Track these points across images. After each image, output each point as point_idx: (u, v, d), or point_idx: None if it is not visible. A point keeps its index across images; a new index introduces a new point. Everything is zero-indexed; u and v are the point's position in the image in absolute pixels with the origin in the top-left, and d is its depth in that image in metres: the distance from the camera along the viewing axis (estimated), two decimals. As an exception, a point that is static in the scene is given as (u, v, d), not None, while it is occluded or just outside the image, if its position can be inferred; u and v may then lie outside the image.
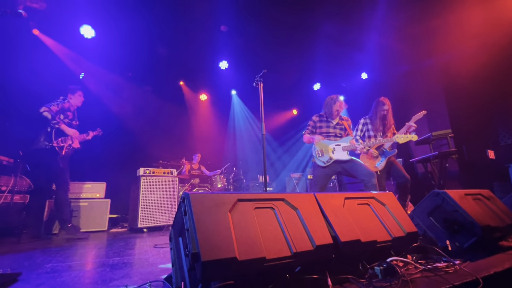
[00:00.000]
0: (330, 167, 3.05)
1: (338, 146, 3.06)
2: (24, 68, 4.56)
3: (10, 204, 3.74)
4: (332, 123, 3.21)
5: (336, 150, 3.06)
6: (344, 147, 3.03)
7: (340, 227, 1.31)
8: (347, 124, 3.28)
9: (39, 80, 4.81)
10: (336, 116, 3.23)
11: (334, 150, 3.06)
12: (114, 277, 1.58)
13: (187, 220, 1.05)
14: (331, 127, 3.20)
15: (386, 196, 1.71)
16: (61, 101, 3.59)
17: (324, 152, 3.09)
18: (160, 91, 6.72)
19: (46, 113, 3.36)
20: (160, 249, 2.46)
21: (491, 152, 4.61)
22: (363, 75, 6.96)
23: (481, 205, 1.98)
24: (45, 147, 3.34)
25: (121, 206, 5.03)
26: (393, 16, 4.92)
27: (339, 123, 3.24)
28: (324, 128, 3.21)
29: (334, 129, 3.20)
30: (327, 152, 3.07)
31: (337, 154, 3.03)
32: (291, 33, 5.64)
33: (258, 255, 1.02)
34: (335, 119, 3.23)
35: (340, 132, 3.20)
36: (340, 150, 3.04)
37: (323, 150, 3.10)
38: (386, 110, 3.53)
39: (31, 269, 1.78)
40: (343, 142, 3.07)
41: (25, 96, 4.66)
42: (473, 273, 1.28)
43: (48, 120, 3.37)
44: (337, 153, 3.04)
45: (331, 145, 3.08)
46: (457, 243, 1.79)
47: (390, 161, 3.43)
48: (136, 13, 4.75)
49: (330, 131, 3.19)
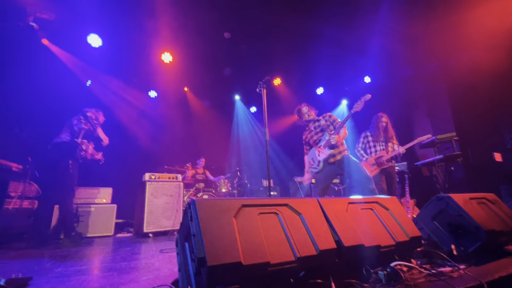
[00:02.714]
0: (323, 170, 3.13)
1: (320, 148, 3.18)
2: (33, 75, 4.68)
3: (19, 209, 3.82)
4: (313, 130, 3.34)
5: (321, 152, 3.15)
6: (324, 144, 3.11)
7: (343, 232, 1.32)
8: (325, 120, 3.31)
9: (47, 87, 4.94)
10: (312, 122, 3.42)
11: (319, 153, 3.16)
12: (122, 281, 1.61)
13: (193, 225, 1.08)
14: (314, 133, 3.33)
15: (390, 201, 1.72)
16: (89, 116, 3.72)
17: (314, 160, 3.25)
18: (165, 97, 6.82)
19: (90, 113, 3.55)
20: (166, 254, 2.49)
21: (497, 155, 4.56)
22: (366, 79, 6.96)
23: (486, 209, 1.97)
24: (67, 141, 3.40)
25: (127, 211, 5.09)
26: (396, 19, 4.94)
27: (319, 125, 3.30)
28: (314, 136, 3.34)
29: (317, 134, 3.30)
30: (316, 158, 3.22)
31: (322, 155, 3.13)
32: (294, 38, 5.69)
33: (263, 259, 1.05)
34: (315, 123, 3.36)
35: (321, 134, 3.26)
36: (322, 149, 3.14)
37: (313, 158, 3.26)
38: (385, 122, 3.88)
39: (41, 273, 1.83)
40: (322, 141, 3.17)
41: (33, 103, 4.79)
42: (477, 277, 1.28)
43: (90, 120, 3.51)
44: (322, 154, 3.14)
45: (315, 150, 3.23)
46: (462, 248, 1.78)
47: (388, 172, 3.73)
48: (140, 21, 4.86)
49: (314, 138, 3.31)
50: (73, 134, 3.50)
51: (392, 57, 5.87)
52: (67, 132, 3.52)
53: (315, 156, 3.23)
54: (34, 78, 4.71)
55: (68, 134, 3.50)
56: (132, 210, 4.69)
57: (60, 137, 3.47)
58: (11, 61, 4.43)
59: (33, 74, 4.71)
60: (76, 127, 3.52)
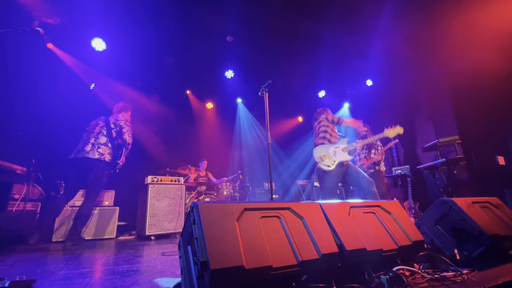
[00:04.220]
0: (335, 170, 3.11)
1: (338, 148, 3.15)
2: (37, 79, 4.75)
3: (23, 211, 3.85)
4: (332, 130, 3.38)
5: (337, 152, 3.12)
6: (344, 148, 3.11)
7: (345, 236, 1.32)
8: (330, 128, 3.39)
9: (51, 91, 4.99)
10: None
11: (335, 153, 3.13)
12: (125, 284, 1.62)
13: (196, 229, 1.09)
14: (334, 132, 3.35)
15: (392, 205, 1.72)
16: (125, 121, 3.78)
17: (325, 157, 3.19)
18: (168, 100, 6.87)
19: (127, 137, 3.57)
20: (168, 257, 2.49)
21: (501, 158, 4.53)
22: (368, 82, 6.97)
23: (489, 213, 1.96)
24: (105, 160, 3.38)
25: (129, 213, 5.09)
26: (398, 22, 4.95)
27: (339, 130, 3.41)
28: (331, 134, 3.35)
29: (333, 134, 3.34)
30: (329, 156, 3.18)
31: (339, 156, 3.12)
32: (296, 42, 5.73)
33: (265, 263, 1.05)
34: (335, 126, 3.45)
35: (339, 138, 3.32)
36: (340, 151, 3.11)
37: (324, 155, 3.19)
38: (364, 131, 3.87)
39: (45, 276, 1.84)
40: (342, 144, 3.16)
41: (37, 106, 4.84)
42: (481, 282, 1.28)
43: (126, 143, 3.54)
44: (338, 155, 3.12)
45: (331, 148, 3.18)
46: (465, 252, 1.77)
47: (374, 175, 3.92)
48: (145, 25, 4.92)
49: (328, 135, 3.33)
50: (114, 152, 3.51)
51: (394, 60, 5.88)
52: (100, 145, 3.44)
53: (327, 154, 3.20)
54: (38, 82, 4.78)
55: (108, 150, 3.46)
56: (134, 212, 4.70)
57: (100, 153, 3.39)
58: (16, 65, 4.49)
59: (37, 77, 4.77)
60: (114, 141, 3.51)
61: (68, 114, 5.46)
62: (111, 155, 3.47)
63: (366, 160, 3.94)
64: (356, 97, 7.61)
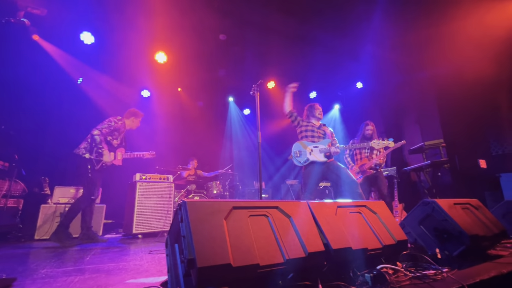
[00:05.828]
0: (312, 169, 3.16)
1: (316, 148, 3.20)
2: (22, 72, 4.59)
3: (3, 208, 3.72)
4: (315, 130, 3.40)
5: (314, 151, 3.18)
6: (322, 149, 3.16)
7: (332, 235, 1.35)
8: (328, 131, 3.45)
9: (37, 84, 4.84)
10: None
11: (311, 152, 3.19)
12: (110, 282, 1.59)
13: (183, 227, 1.09)
14: (315, 133, 3.37)
15: (378, 205, 1.76)
16: (115, 123, 3.71)
17: (301, 153, 3.26)
18: (158, 97, 6.77)
19: (97, 137, 3.49)
20: (155, 255, 2.47)
21: (482, 162, 4.71)
22: (358, 84, 7.09)
23: (470, 214, 2.04)
24: (83, 155, 3.46)
25: (116, 211, 5.01)
26: (388, 27, 5.06)
27: (324, 131, 3.41)
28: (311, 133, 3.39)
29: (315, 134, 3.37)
30: (305, 153, 3.24)
31: (313, 156, 3.17)
32: (288, 43, 5.76)
33: (252, 261, 1.06)
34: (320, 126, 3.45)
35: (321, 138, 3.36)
36: (317, 151, 3.18)
37: (301, 151, 3.27)
38: (371, 130, 4.05)
39: (26, 274, 1.79)
40: (321, 145, 3.21)
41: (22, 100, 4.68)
42: (460, 280, 1.32)
43: (96, 142, 3.50)
44: (313, 154, 3.17)
45: (310, 146, 3.24)
46: (446, 252, 1.83)
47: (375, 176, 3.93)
48: (134, 20, 4.82)
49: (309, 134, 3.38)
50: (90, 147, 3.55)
51: (384, 64, 6.00)
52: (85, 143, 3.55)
53: (304, 151, 3.26)
54: (22, 75, 4.61)
55: (85, 146, 3.53)
56: (121, 210, 4.62)
57: (78, 148, 3.51)
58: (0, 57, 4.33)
59: (21, 70, 4.60)
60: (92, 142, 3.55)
61: (54, 109, 5.31)
62: (87, 149, 3.50)
63: (367, 160, 3.97)
64: (347, 99, 7.73)
